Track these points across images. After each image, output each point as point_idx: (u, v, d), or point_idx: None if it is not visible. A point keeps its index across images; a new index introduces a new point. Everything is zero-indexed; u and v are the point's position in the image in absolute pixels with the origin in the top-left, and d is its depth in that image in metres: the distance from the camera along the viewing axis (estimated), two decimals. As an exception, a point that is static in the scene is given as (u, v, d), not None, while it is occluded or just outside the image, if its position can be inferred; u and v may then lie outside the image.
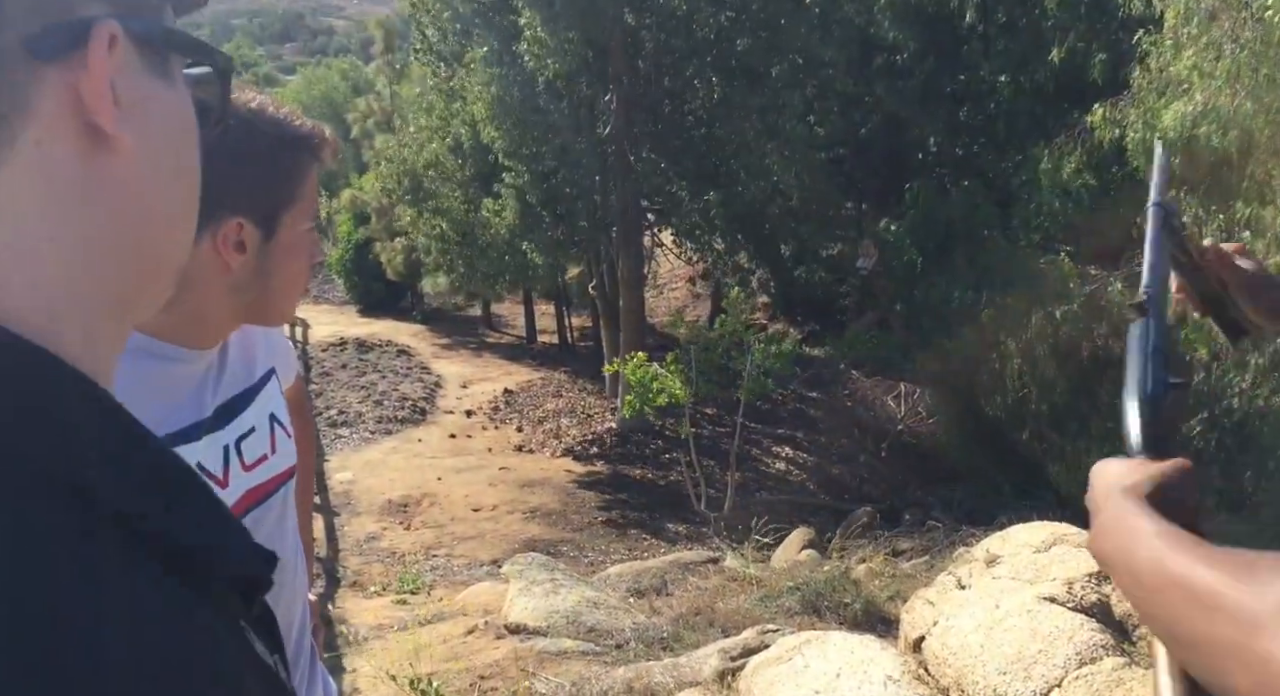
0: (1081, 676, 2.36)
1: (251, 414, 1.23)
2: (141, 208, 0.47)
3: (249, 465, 1.21)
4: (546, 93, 13.39)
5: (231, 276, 1.08)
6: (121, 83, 0.45)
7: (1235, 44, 7.01)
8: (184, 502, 0.45)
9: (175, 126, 0.50)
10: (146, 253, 0.49)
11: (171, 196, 0.50)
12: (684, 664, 4.22)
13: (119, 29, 0.44)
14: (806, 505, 11.62)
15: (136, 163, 0.46)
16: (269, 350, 1.33)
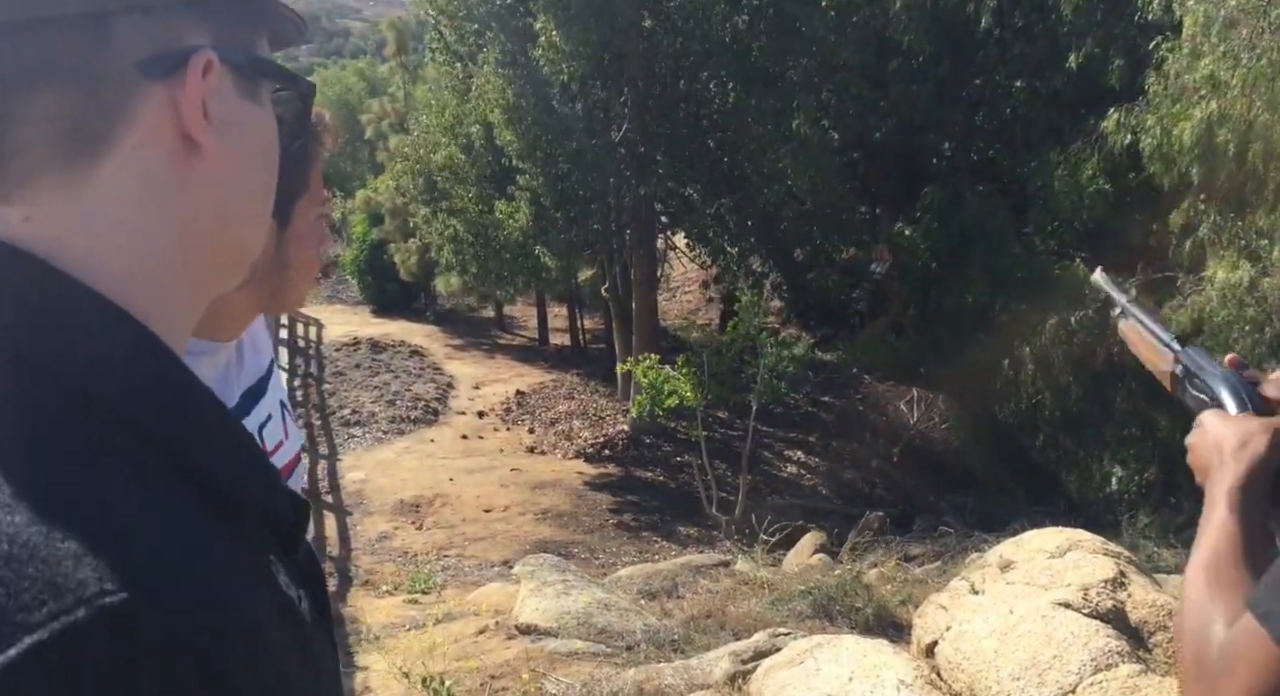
0: (1096, 682, 2.35)
1: (267, 402, 1.29)
2: (224, 205, 0.57)
3: (270, 451, 1.25)
4: (561, 95, 13.42)
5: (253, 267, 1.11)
6: (214, 101, 0.54)
7: (1253, 52, 6.98)
8: (226, 447, 0.54)
9: (259, 140, 0.59)
10: (227, 243, 0.58)
11: (251, 197, 0.60)
12: (695, 666, 4.22)
13: (215, 57, 0.54)
14: (818, 509, 11.60)
15: (222, 168, 0.56)
16: (266, 341, 1.37)
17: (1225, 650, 0.71)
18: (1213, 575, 0.78)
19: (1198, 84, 7.65)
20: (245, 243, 0.60)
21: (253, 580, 0.50)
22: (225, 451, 0.53)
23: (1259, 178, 7.81)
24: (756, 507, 10.45)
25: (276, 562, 0.53)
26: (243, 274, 0.62)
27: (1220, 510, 0.82)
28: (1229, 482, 0.82)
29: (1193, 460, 0.91)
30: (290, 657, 0.49)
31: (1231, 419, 0.90)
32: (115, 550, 0.43)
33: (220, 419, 0.55)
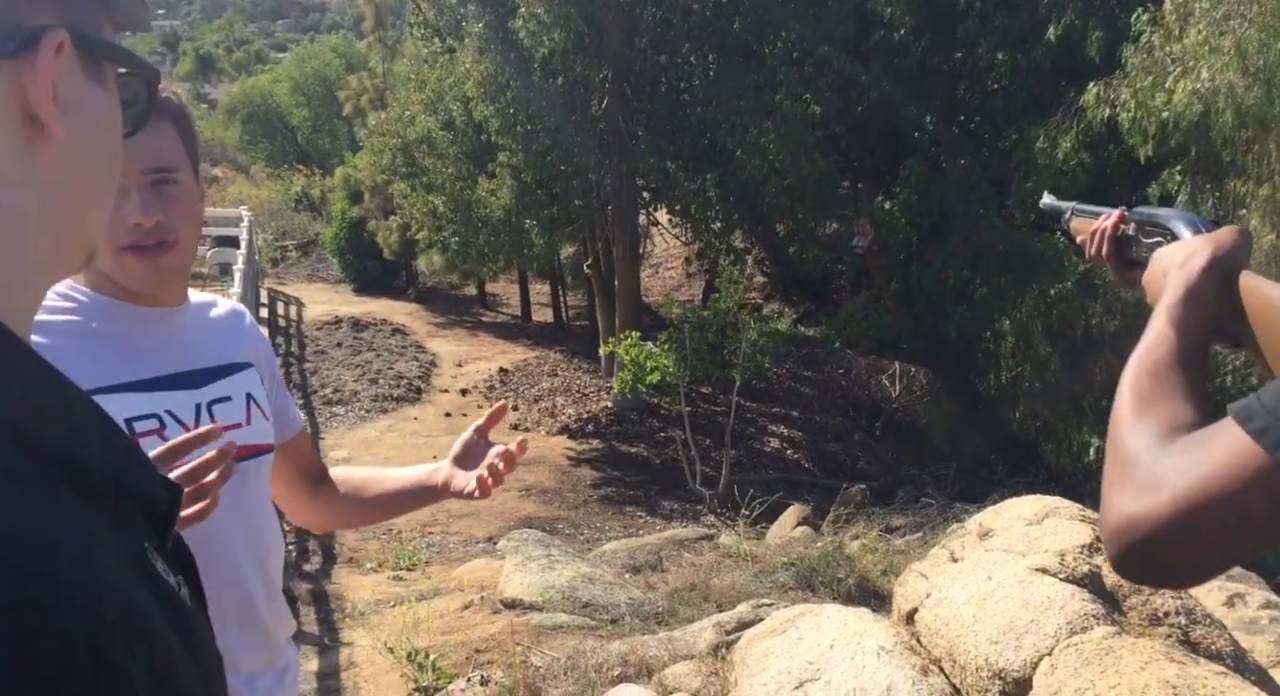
0: (1072, 645, 2.39)
1: (225, 386, 1.34)
2: (69, 190, 0.56)
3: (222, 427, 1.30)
4: (541, 70, 13.30)
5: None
6: (62, 83, 0.53)
7: (1244, 20, 6.99)
8: (87, 433, 0.52)
9: (103, 124, 0.59)
10: (70, 228, 0.57)
11: (95, 182, 0.59)
12: (679, 637, 4.26)
13: (67, 38, 0.53)
14: (801, 483, 11.68)
15: (67, 152, 0.55)
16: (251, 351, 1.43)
17: (1189, 448, 0.68)
18: (1154, 378, 0.77)
19: (1180, 54, 7.67)
20: (88, 227, 0.60)
21: (133, 568, 0.48)
22: (87, 437, 0.51)
23: (1239, 147, 7.85)
24: (740, 481, 10.52)
25: (152, 550, 0.52)
26: (83, 259, 0.61)
27: (1159, 321, 0.82)
28: (1170, 297, 0.83)
29: (1149, 296, 0.91)
30: (176, 645, 0.48)
31: (1177, 243, 0.90)
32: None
33: (82, 405, 0.53)
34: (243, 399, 1.35)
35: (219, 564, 1.26)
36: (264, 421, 1.38)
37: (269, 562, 1.37)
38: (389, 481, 1.55)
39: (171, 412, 1.26)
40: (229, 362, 1.36)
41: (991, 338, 12.99)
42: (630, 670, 3.92)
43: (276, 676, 1.37)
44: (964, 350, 13.31)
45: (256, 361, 1.43)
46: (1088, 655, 2.32)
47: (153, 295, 1.26)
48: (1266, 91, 7.07)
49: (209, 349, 1.34)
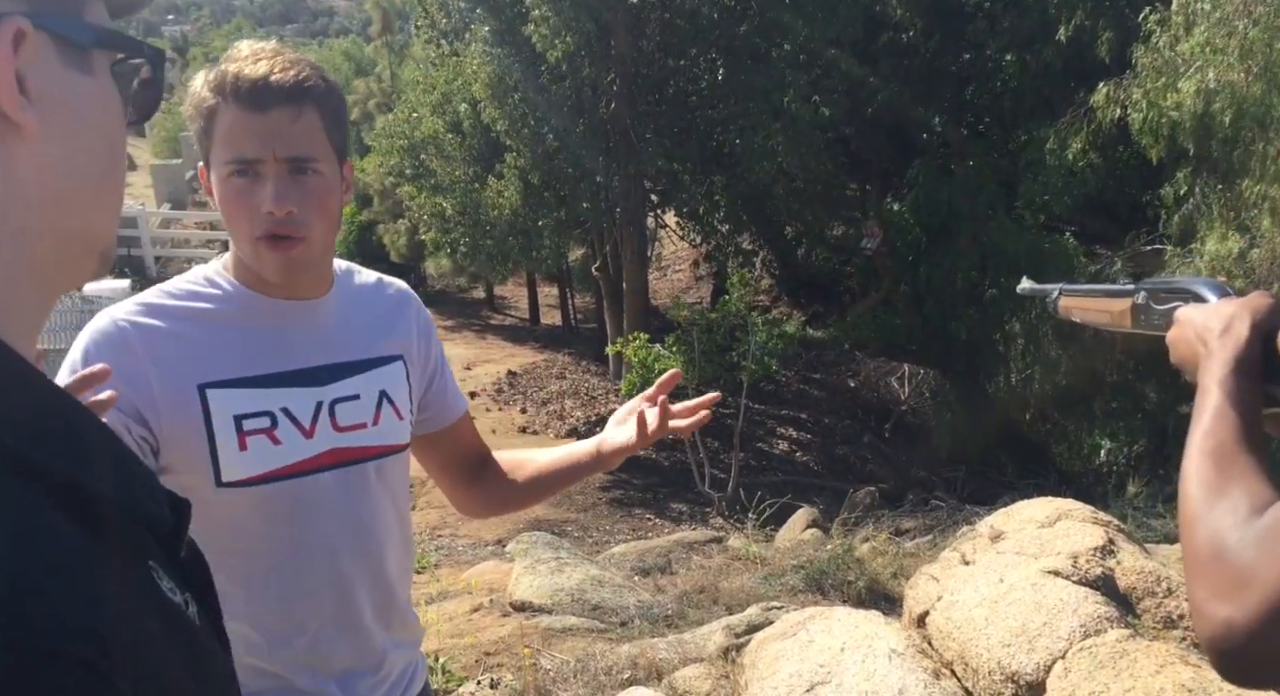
0: (1085, 648, 2.37)
1: (356, 383, 1.28)
2: (59, 189, 0.51)
3: (342, 427, 1.26)
4: (548, 73, 13.32)
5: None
6: (33, 74, 0.49)
7: (1248, 20, 6.95)
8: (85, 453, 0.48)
9: (92, 115, 0.54)
10: (67, 230, 0.53)
11: (89, 178, 0.54)
12: (688, 640, 4.24)
13: (28, 25, 0.48)
14: (810, 485, 11.65)
15: (50, 147, 0.50)
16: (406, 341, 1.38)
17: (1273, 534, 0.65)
18: (1221, 461, 0.74)
19: (1187, 55, 7.63)
20: (91, 228, 0.55)
21: (132, 594, 0.45)
22: (88, 459, 0.48)
23: (1249, 148, 7.81)
24: (749, 484, 10.49)
25: (158, 569, 0.49)
26: (96, 262, 0.56)
27: (1215, 397, 0.79)
28: (1219, 370, 0.80)
29: (1175, 356, 0.89)
30: (181, 670, 0.46)
31: (1207, 306, 0.88)
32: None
33: (83, 425, 0.49)
34: (374, 397, 1.29)
35: (318, 563, 1.24)
36: (397, 421, 1.32)
37: (383, 566, 1.32)
38: (542, 460, 1.52)
39: (288, 410, 1.22)
40: (369, 358, 1.30)
41: (1001, 339, 12.93)
42: (640, 673, 3.91)
43: (379, 680, 1.32)
44: (973, 352, 13.26)
45: (407, 353, 1.36)
46: (1101, 658, 2.30)
47: (287, 287, 1.22)
48: (1268, 92, 7.04)
49: (350, 342, 1.29)
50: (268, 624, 1.23)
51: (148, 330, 1.17)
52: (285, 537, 1.23)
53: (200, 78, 1.16)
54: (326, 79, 1.18)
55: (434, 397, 1.43)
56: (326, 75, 1.19)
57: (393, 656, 1.34)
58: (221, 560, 1.22)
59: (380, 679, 1.32)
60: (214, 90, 1.13)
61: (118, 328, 1.16)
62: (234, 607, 1.22)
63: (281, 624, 1.24)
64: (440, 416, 1.44)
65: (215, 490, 1.18)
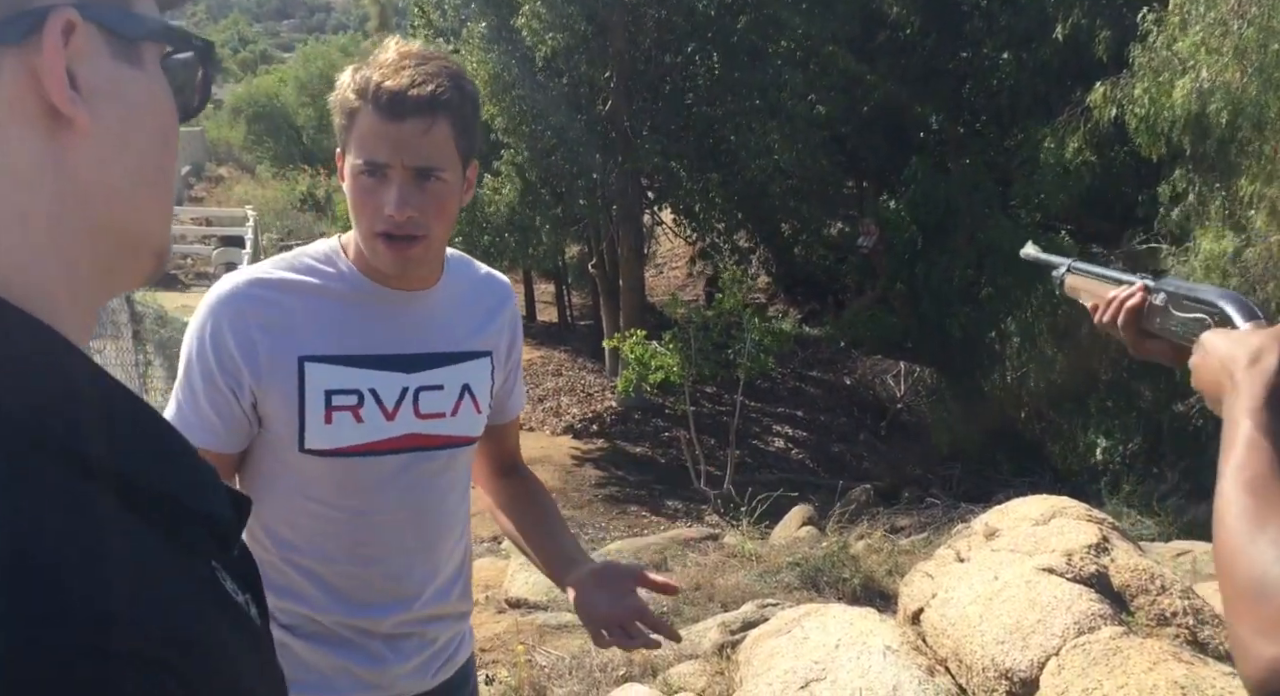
0: (1079, 645, 2.38)
1: (444, 374, 1.35)
2: (110, 185, 0.50)
3: (423, 414, 1.34)
4: (545, 70, 13.31)
5: None
6: (84, 68, 0.48)
7: (1242, 20, 6.96)
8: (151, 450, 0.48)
9: (142, 109, 0.52)
10: (119, 228, 0.51)
11: (140, 174, 0.52)
12: (684, 637, 4.25)
13: (77, 17, 0.47)
14: (806, 483, 11.66)
15: (101, 143, 0.49)
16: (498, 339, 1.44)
17: None
18: (1258, 494, 0.72)
19: (1183, 55, 7.64)
20: (146, 227, 0.53)
21: (204, 595, 0.46)
22: (150, 454, 0.48)
23: (1244, 148, 7.83)
24: (744, 481, 10.50)
25: (220, 568, 0.49)
26: (152, 264, 0.55)
27: (1246, 428, 0.77)
28: (1248, 402, 0.78)
29: (1198, 383, 0.88)
30: (250, 672, 0.47)
31: (1233, 335, 0.86)
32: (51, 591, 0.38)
33: (145, 422, 0.49)
34: (457, 389, 1.36)
35: (379, 535, 1.33)
36: (474, 415, 1.39)
37: (441, 546, 1.41)
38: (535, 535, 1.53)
39: (375, 391, 1.29)
40: (461, 351, 1.37)
41: (997, 337, 12.95)
42: (635, 669, 3.92)
43: (425, 643, 1.41)
44: (969, 350, 13.28)
45: (496, 350, 1.43)
46: (1095, 655, 2.31)
47: (399, 279, 1.30)
48: (1263, 91, 7.05)
49: (445, 334, 1.36)
50: (327, 581, 1.33)
51: (261, 301, 1.26)
52: (352, 507, 1.32)
53: (348, 75, 1.24)
54: (463, 89, 1.25)
55: (503, 396, 1.49)
56: (464, 83, 1.26)
57: (439, 626, 1.43)
58: (295, 516, 1.31)
59: (427, 642, 1.42)
60: (358, 93, 1.21)
61: (235, 295, 1.26)
62: (298, 561, 1.31)
63: (339, 582, 1.34)
64: (500, 414, 1.50)
65: (298, 454, 1.28)
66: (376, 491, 1.32)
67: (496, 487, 1.59)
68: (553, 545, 1.51)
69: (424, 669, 1.42)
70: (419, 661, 1.41)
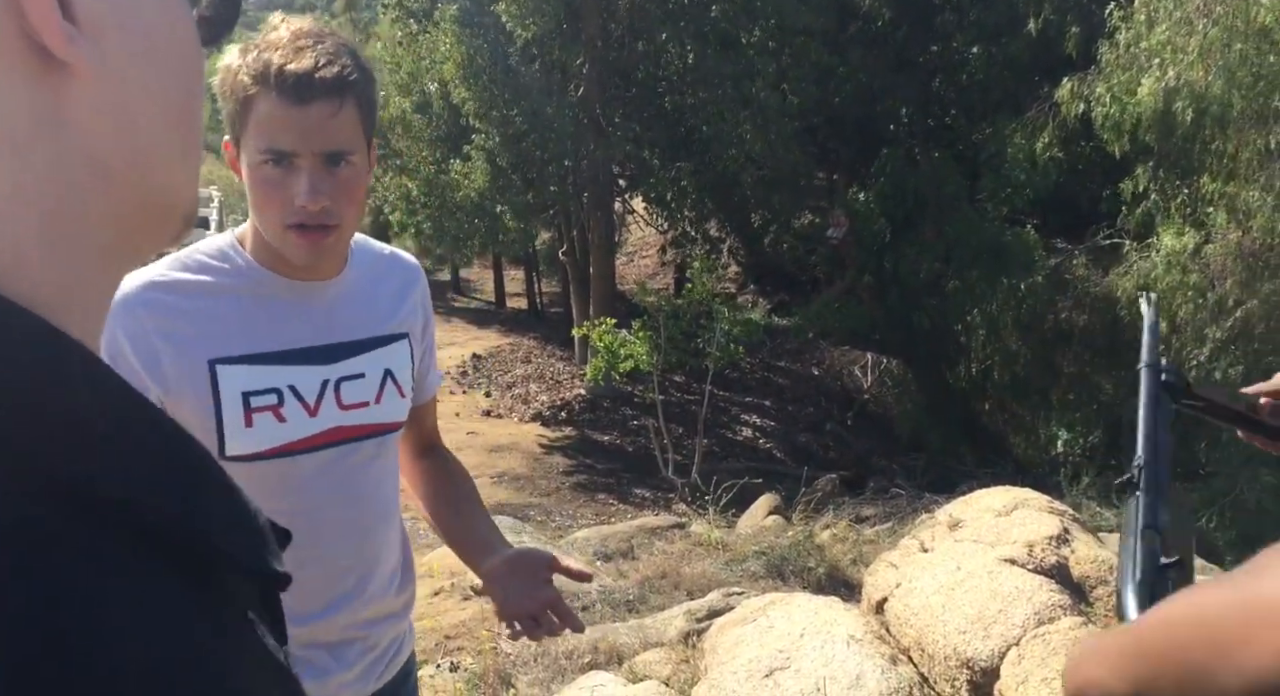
0: (1039, 635, 2.42)
1: (364, 362, 1.30)
2: (122, 141, 0.41)
3: (346, 405, 1.28)
4: (519, 54, 13.20)
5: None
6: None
7: (1208, 19, 7.06)
8: (195, 491, 0.39)
9: (159, 43, 0.42)
10: (135, 187, 0.42)
11: (158, 124, 0.42)
12: (649, 625, 4.26)
13: None
14: (772, 472, 11.73)
15: (105, 87, 0.39)
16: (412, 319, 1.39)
17: None
18: None
19: (1149, 52, 7.74)
20: (171, 185, 0.44)
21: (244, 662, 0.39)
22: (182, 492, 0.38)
23: (1207, 146, 7.95)
24: (712, 470, 10.54)
25: (257, 620, 0.42)
26: (178, 226, 0.46)
27: None
28: None
29: None
30: None
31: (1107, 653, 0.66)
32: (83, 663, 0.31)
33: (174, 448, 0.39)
34: (379, 376, 1.32)
35: (314, 536, 1.26)
36: (398, 400, 1.35)
37: (376, 539, 1.36)
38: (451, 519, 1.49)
39: (294, 387, 1.24)
40: (378, 336, 1.33)
41: (962, 330, 13.10)
42: (600, 657, 3.92)
43: (367, 647, 1.37)
44: (935, 342, 13.42)
45: (412, 331, 1.38)
46: (1054, 645, 2.34)
47: (308, 270, 1.24)
48: (1226, 90, 7.16)
49: (359, 321, 1.31)
50: None
51: (160, 306, 1.19)
52: (285, 510, 1.26)
53: (236, 57, 1.15)
54: (364, 67, 1.18)
55: (420, 376, 1.44)
56: (363, 61, 1.19)
57: (382, 628, 1.39)
58: None
59: (369, 646, 1.37)
60: (255, 78, 1.12)
61: (129, 303, 1.17)
62: None
63: None
64: (418, 394, 1.44)
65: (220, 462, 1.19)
66: (308, 490, 1.27)
67: (414, 470, 1.53)
68: (468, 530, 1.46)
69: (366, 675, 1.38)
70: (361, 667, 1.37)
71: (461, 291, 22.44)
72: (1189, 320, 8.63)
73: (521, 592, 1.31)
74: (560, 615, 1.31)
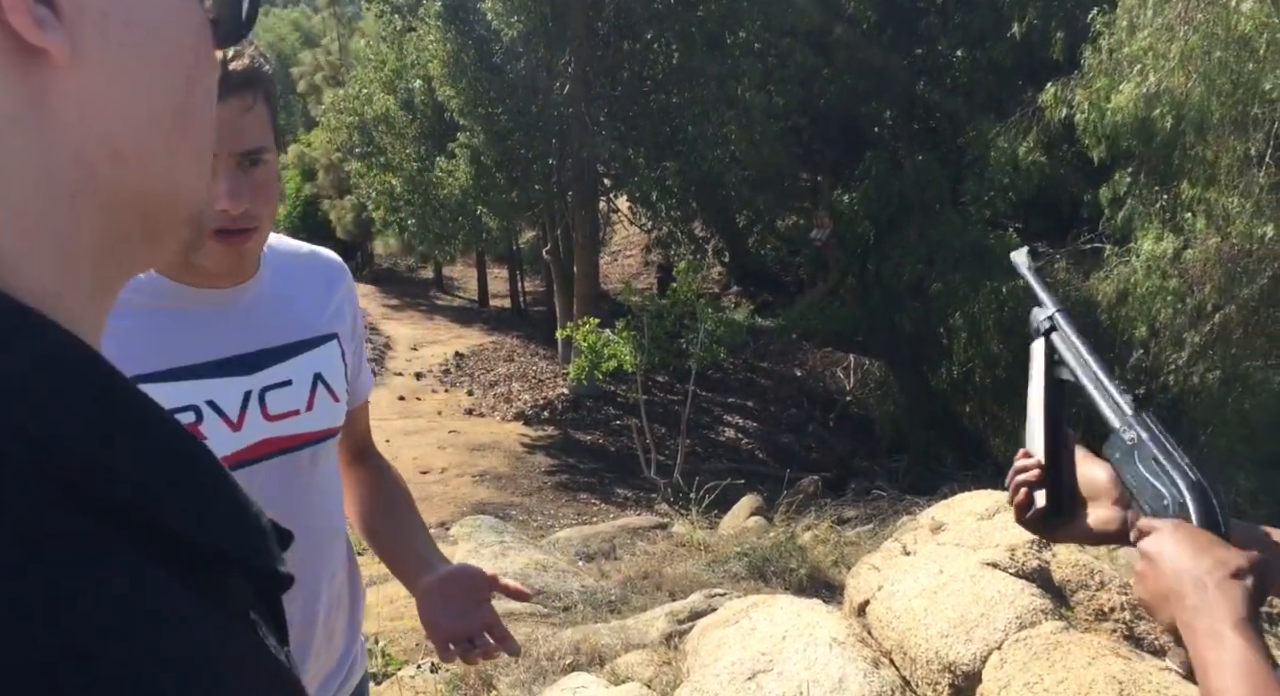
0: (1021, 639, 2.42)
1: (289, 368, 1.22)
2: (107, 138, 0.38)
3: (273, 416, 1.20)
4: (504, 52, 13.16)
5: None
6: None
7: (1189, 26, 7.12)
8: (199, 492, 0.39)
9: (153, 31, 0.39)
10: (125, 194, 0.39)
11: (150, 122, 0.40)
12: (631, 626, 4.25)
13: None
14: (755, 473, 11.75)
15: (90, 82, 0.37)
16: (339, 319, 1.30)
17: None
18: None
19: (1131, 58, 7.79)
20: (172, 187, 0.41)
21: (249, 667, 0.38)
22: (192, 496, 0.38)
23: (1187, 152, 8.02)
24: (694, 470, 10.55)
25: (259, 621, 0.41)
26: (186, 232, 0.43)
27: (1233, 644, 0.73)
28: (1230, 615, 0.74)
29: (1149, 577, 0.81)
30: None
31: (1203, 543, 0.80)
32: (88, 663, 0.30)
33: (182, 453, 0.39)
34: (308, 381, 1.23)
35: None
36: (332, 405, 1.26)
37: (321, 555, 1.28)
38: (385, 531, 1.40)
39: (213, 403, 1.15)
40: (303, 339, 1.24)
41: (945, 332, 13.16)
42: (582, 658, 3.91)
43: (318, 670, 1.29)
44: (918, 344, 13.48)
45: (342, 330, 1.30)
46: (1036, 649, 2.35)
47: (220, 276, 1.16)
48: (1206, 97, 7.22)
49: (281, 325, 1.22)
50: None
51: None
52: None
53: None
54: (268, 60, 1.13)
55: (351, 377, 1.35)
56: (266, 53, 1.13)
57: (331, 646, 1.32)
58: None
59: (319, 669, 1.30)
60: None
61: None
62: None
63: None
64: (351, 397, 1.36)
65: None
66: None
67: (345, 478, 1.43)
68: (403, 544, 1.36)
69: None
70: None
71: (445, 289, 22.35)
72: (1168, 324, 8.70)
73: (458, 613, 1.23)
74: (497, 637, 1.24)
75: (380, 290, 20.85)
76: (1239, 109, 7.25)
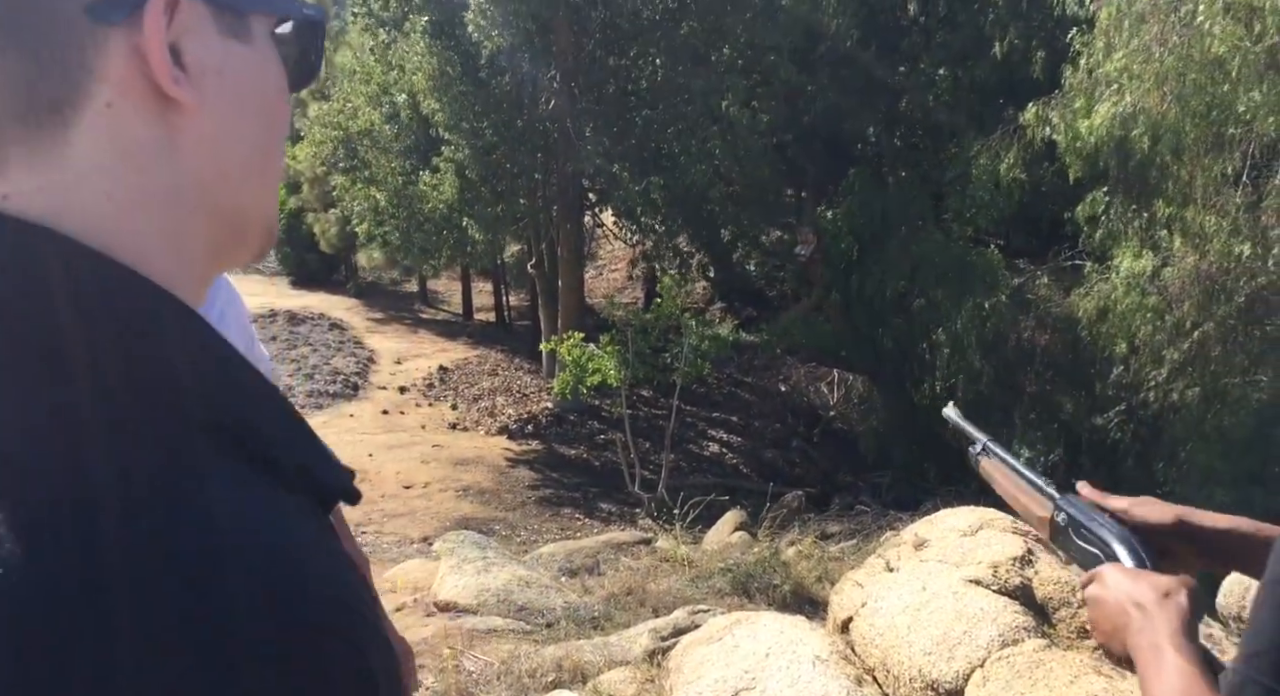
0: (1004, 657, 2.43)
1: None
2: (217, 167, 0.50)
3: None
4: (489, 67, 13.18)
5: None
6: (190, 45, 0.48)
7: (1164, 48, 7.22)
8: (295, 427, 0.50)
9: (253, 86, 0.52)
10: (227, 212, 0.52)
11: (251, 154, 0.52)
12: (614, 643, 4.23)
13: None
14: (739, 488, 11.75)
15: (211, 123, 0.49)
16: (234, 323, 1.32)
17: None
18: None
19: (1112, 77, 7.89)
20: (258, 205, 0.54)
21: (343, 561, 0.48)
22: (281, 425, 0.49)
23: (1164, 170, 8.11)
24: (678, 486, 10.53)
25: None
26: (263, 240, 0.56)
27: (1170, 657, 0.79)
28: (1167, 630, 0.81)
29: (1097, 614, 0.89)
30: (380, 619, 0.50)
31: (1136, 573, 0.89)
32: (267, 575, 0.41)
33: (269, 390, 0.50)
34: None
35: None
36: None
37: None
38: None
39: None
40: None
41: (927, 348, 13.23)
42: (565, 676, 3.89)
43: None
44: (900, 360, 13.54)
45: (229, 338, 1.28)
46: (1019, 667, 2.35)
47: None
48: (1181, 117, 7.32)
49: None
50: None
51: None
52: None
53: None
54: None
55: None
56: None
57: None
58: None
59: None
60: None
61: None
62: None
63: None
64: None
65: None
66: None
67: None
68: None
69: None
70: None
71: (429, 303, 22.28)
72: (1148, 341, 8.78)
73: None
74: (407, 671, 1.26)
75: (364, 303, 20.76)
76: (1214, 129, 7.35)
